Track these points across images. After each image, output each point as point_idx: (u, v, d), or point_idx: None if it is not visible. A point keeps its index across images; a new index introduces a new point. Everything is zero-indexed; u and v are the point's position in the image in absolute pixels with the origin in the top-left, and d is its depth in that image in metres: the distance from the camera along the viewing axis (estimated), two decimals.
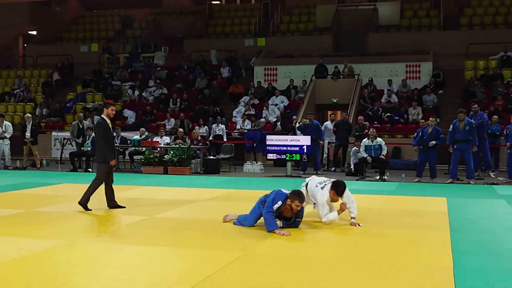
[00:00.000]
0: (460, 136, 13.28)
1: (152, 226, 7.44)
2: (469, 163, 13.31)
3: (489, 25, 23.85)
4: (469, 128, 13.24)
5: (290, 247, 6.29)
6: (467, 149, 13.26)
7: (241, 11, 28.73)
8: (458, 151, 13.32)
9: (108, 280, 4.87)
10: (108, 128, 8.74)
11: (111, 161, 8.72)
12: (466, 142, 13.25)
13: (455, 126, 13.39)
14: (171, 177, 14.43)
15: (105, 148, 8.70)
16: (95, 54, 26.67)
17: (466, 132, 13.23)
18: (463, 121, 13.31)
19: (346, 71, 20.99)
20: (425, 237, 6.83)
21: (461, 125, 13.29)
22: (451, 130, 13.47)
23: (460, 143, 13.27)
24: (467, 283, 4.79)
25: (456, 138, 13.31)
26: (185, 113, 20.44)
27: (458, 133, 13.30)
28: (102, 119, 8.83)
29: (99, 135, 8.83)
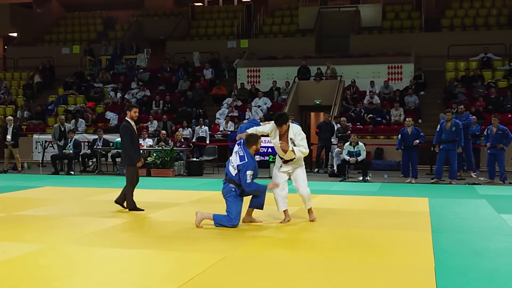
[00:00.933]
0: (447, 137, 13.33)
1: (134, 229, 7.40)
2: (454, 163, 13.40)
3: (469, 27, 24.13)
4: (456, 128, 13.30)
5: (272, 249, 6.29)
6: (453, 149, 13.31)
7: (224, 13, 28.72)
8: (444, 151, 13.38)
9: (90, 284, 4.83)
10: (133, 130, 8.92)
11: (138, 162, 8.94)
12: (452, 143, 13.30)
13: (442, 126, 13.46)
14: (154, 179, 14.37)
15: (132, 150, 8.90)
16: (76, 56, 26.49)
17: (452, 132, 13.29)
18: (450, 121, 13.38)
19: (329, 72, 21.08)
20: (407, 237, 6.87)
21: (448, 125, 13.35)
22: (438, 130, 13.54)
23: (446, 143, 13.33)
24: (448, 283, 4.82)
25: (443, 139, 13.39)
26: (168, 115, 20.37)
27: (445, 133, 13.36)
28: (126, 122, 8.97)
29: (125, 137, 8.96)
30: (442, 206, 9.53)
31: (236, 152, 7.44)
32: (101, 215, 8.50)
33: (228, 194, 7.43)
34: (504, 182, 13.32)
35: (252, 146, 7.43)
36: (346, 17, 25.27)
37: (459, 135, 13.31)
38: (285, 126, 7.54)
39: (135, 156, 8.93)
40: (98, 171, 16.36)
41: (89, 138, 18.56)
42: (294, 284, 4.85)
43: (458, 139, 13.31)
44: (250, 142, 7.44)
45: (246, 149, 7.40)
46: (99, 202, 9.95)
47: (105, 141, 16.90)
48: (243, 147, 7.41)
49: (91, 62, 25.90)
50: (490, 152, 13.56)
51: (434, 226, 7.50)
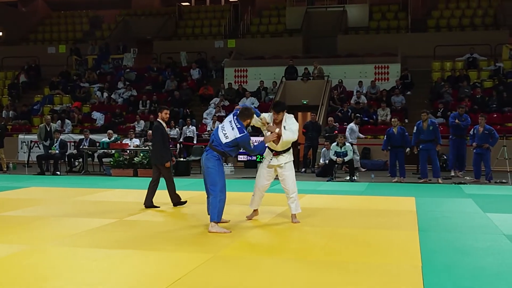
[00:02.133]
0: (425, 136, 13.50)
1: (121, 229, 7.36)
2: (436, 162, 13.54)
3: (455, 27, 24.31)
4: (433, 128, 13.49)
5: (260, 248, 6.28)
6: (433, 148, 13.50)
7: (211, 13, 28.70)
8: (425, 151, 13.54)
9: (76, 285, 4.79)
10: (165, 131, 9.19)
11: (166, 163, 9.11)
12: (431, 142, 13.46)
13: (419, 127, 13.62)
14: (141, 179, 14.28)
15: (164, 150, 9.14)
16: (62, 55, 26.32)
17: (430, 132, 13.47)
18: (426, 121, 13.56)
19: (316, 72, 21.12)
20: (394, 236, 6.89)
21: (424, 125, 13.53)
22: (415, 131, 13.68)
23: (426, 143, 13.48)
24: (435, 282, 4.84)
25: (422, 138, 13.52)
26: (155, 115, 20.27)
27: (423, 134, 13.53)
28: (158, 123, 9.30)
29: (157, 138, 9.25)
30: (429, 205, 9.58)
31: (231, 122, 7.22)
32: (87, 216, 8.44)
33: (211, 164, 7.11)
34: (490, 182, 13.42)
35: (247, 119, 7.32)
36: (333, 17, 25.36)
37: (436, 134, 13.45)
38: (282, 114, 7.53)
39: (165, 156, 9.14)
40: (84, 172, 16.26)
41: (75, 138, 18.45)
42: (282, 284, 4.84)
43: (436, 138, 13.44)
44: (245, 115, 7.32)
45: (240, 121, 7.25)
46: (86, 203, 9.88)
47: (91, 141, 16.81)
48: (238, 120, 7.25)
49: (77, 61, 25.75)
50: (476, 151, 13.66)
51: (421, 225, 7.53)
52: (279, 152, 7.61)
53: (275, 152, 7.62)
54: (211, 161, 7.14)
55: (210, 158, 7.16)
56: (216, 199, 7.02)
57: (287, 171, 7.63)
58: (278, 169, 7.67)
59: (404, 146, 13.93)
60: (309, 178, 14.63)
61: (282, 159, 7.62)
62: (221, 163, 7.22)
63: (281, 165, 7.62)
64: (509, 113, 18.40)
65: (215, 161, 7.13)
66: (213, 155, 7.16)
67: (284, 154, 7.62)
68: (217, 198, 7.02)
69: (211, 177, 7.09)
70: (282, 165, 7.62)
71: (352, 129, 16.58)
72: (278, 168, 7.66)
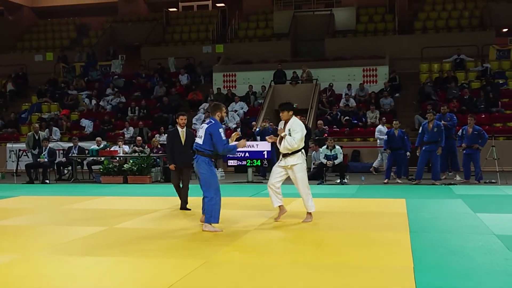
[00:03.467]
0: (429, 138, 13.33)
1: (112, 237, 7.31)
2: (436, 164, 13.44)
3: (442, 29, 24.45)
4: (438, 129, 13.34)
5: (252, 252, 6.27)
6: (435, 150, 13.31)
7: (199, 18, 28.70)
8: (426, 152, 13.39)
9: None
10: (176, 136, 9.55)
11: (170, 166, 9.60)
12: (434, 144, 13.31)
13: (425, 127, 13.48)
14: (131, 186, 14.25)
15: (168, 154, 9.77)
16: (50, 63, 26.24)
17: (434, 133, 13.29)
18: (432, 121, 13.41)
19: (305, 76, 21.17)
20: (386, 238, 6.90)
21: (429, 126, 13.37)
22: (421, 132, 13.56)
23: (429, 144, 13.34)
24: (427, 282, 4.85)
25: (425, 140, 13.44)
26: (144, 121, 20.24)
27: (427, 134, 13.36)
28: (173, 128, 10.01)
29: (166, 142, 10.10)
30: (419, 206, 9.61)
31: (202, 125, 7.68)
32: (77, 224, 8.39)
33: (202, 169, 7.40)
34: (480, 182, 13.47)
35: (217, 112, 7.55)
36: (320, 21, 25.44)
37: (440, 136, 13.33)
38: (286, 114, 7.90)
39: (169, 160, 9.73)
40: (73, 179, 16.18)
41: (64, 146, 18.34)
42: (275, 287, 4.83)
43: (440, 140, 13.32)
44: (214, 110, 7.59)
45: (212, 117, 7.57)
46: (76, 211, 9.82)
47: (80, 148, 16.73)
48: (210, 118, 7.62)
49: (65, 69, 25.66)
50: (465, 152, 13.70)
51: (412, 226, 7.55)
52: (286, 154, 7.83)
53: (282, 154, 7.87)
54: (201, 166, 7.42)
55: (200, 163, 7.43)
56: (211, 202, 7.31)
57: (295, 173, 7.85)
58: (289, 171, 7.90)
59: (404, 149, 13.95)
60: None
61: (290, 161, 7.84)
62: (211, 165, 7.43)
63: (289, 167, 7.85)
64: (497, 113, 18.52)
65: (205, 165, 7.39)
66: (202, 159, 7.42)
67: (291, 156, 7.83)
68: (212, 201, 7.31)
69: (204, 181, 7.40)
70: (290, 167, 7.84)
71: (381, 131, 16.42)
72: (289, 170, 7.89)
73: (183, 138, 9.51)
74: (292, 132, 7.77)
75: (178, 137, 9.51)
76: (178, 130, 9.57)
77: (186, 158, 9.44)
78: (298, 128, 7.82)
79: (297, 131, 7.77)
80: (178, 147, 9.49)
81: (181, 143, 9.49)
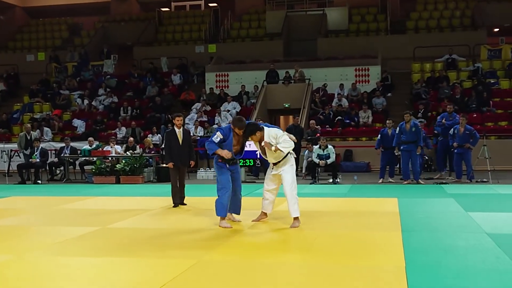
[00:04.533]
0: (407, 138, 13.51)
1: (104, 237, 7.30)
2: (416, 164, 13.55)
3: (434, 28, 24.54)
4: (415, 129, 13.51)
5: (243, 253, 6.27)
6: (415, 150, 13.51)
7: (191, 18, 28.65)
8: (406, 152, 13.56)
9: None
10: (173, 136, 10.00)
11: (168, 164, 9.98)
12: (413, 143, 13.49)
13: (402, 128, 13.64)
14: (123, 186, 14.23)
15: (166, 153, 10.18)
16: (42, 63, 26.12)
17: (412, 133, 13.48)
18: (409, 122, 13.57)
19: (297, 76, 21.18)
20: (378, 237, 6.92)
21: (407, 127, 13.54)
22: (398, 132, 13.71)
23: (407, 144, 13.51)
24: (419, 281, 4.87)
25: (403, 140, 13.56)
26: (137, 121, 20.20)
27: (405, 135, 13.54)
28: (170, 129, 10.54)
29: (164, 142, 10.63)
30: (411, 205, 9.65)
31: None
32: (70, 224, 8.38)
33: (215, 170, 7.83)
34: (471, 181, 13.54)
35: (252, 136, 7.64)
36: (313, 21, 25.47)
37: (418, 136, 13.48)
38: (257, 136, 7.59)
39: (166, 159, 10.20)
40: (66, 180, 16.13)
41: (56, 146, 18.28)
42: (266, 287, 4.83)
43: (417, 140, 13.46)
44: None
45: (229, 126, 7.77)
46: (68, 211, 9.80)
47: (72, 149, 16.68)
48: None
49: (56, 69, 25.55)
50: (457, 151, 13.76)
51: (404, 226, 7.58)
52: (276, 163, 7.71)
53: (274, 163, 7.73)
54: (215, 167, 7.90)
55: (214, 165, 7.88)
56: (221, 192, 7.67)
57: (284, 173, 7.64)
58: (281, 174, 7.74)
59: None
60: None
61: (281, 167, 7.69)
62: (220, 165, 7.71)
63: (280, 172, 7.70)
64: (488, 112, 18.61)
65: (215, 165, 7.81)
66: (214, 160, 7.84)
67: (281, 162, 7.67)
68: (218, 198, 7.68)
69: (217, 179, 7.78)
70: (281, 174, 7.67)
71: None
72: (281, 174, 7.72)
73: (181, 137, 10.01)
74: (277, 139, 7.48)
75: (176, 137, 9.99)
76: (175, 130, 10.03)
77: (183, 157, 10.03)
78: (276, 132, 7.59)
79: (279, 135, 7.52)
80: (176, 146, 9.95)
81: (179, 143, 9.99)
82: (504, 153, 16.19)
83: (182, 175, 10.15)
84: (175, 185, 10.02)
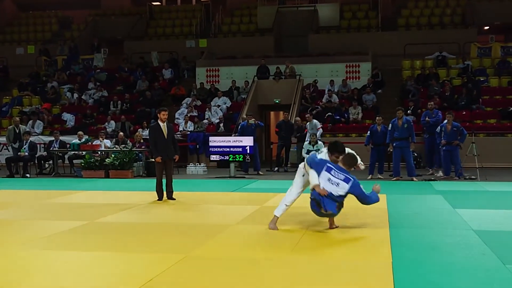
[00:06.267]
0: (399, 134, 13.56)
1: (92, 231, 7.28)
2: (409, 160, 13.61)
3: (425, 26, 24.63)
4: (408, 125, 13.57)
5: (231, 248, 6.27)
6: (407, 146, 13.56)
7: (182, 12, 28.57)
8: (398, 149, 13.61)
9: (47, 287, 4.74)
10: (157, 130, 10.00)
11: (156, 158, 9.96)
12: (405, 140, 13.54)
13: (394, 124, 13.69)
14: (112, 181, 14.19)
15: (152, 147, 10.15)
16: (31, 56, 25.96)
17: (404, 130, 13.54)
18: (401, 119, 13.62)
19: (288, 71, 21.19)
20: (365, 233, 6.95)
21: (399, 123, 13.59)
22: (390, 129, 13.76)
23: (400, 140, 13.56)
24: (405, 277, 4.90)
25: (395, 136, 13.61)
26: (127, 116, 20.14)
27: (397, 131, 13.59)
28: (154, 123, 10.54)
29: (149, 137, 10.62)
30: (400, 202, 9.69)
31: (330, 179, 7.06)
32: (58, 218, 8.34)
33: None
34: (460, 178, 13.61)
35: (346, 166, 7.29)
36: (304, 17, 25.47)
37: (410, 132, 13.54)
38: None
39: (154, 153, 10.18)
40: (54, 174, 16.06)
41: (45, 140, 18.19)
42: (254, 283, 4.85)
43: (411, 136, 13.53)
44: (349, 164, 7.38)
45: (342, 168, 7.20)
46: (56, 205, 9.76)
47: (61, 142, 16.61)
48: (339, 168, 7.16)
49: (46, 62, 25.40)
50: (445, 149, 13.82)
51: (392, 222, 7.62)
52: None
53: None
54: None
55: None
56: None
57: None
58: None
59: (386, 145, 14.07)
60: (281, 177, 14.67)
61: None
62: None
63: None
64: (478, 110, 18.70)
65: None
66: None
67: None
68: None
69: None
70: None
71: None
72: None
73: (165, 131, 10.01)
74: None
75: (161, 130, 9.98)
76: (160, 124, 10.01)
77: (169, 151, 10.03)
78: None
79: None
80: (161, 140, 9.97)
81: (164, 137, 9.98)
82: (492, 150, 16.31)
83: (169, 169, 10.15)
84: (160, 180, 10.05)
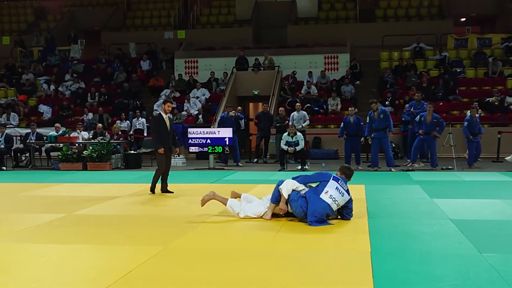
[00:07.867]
0: (377, 125, 13.68)
1: (70, 224, 7.22)
2: (388, 151, 13.73)
3: (402, 17, 24.78)
4: (384, 115, 13.68)
5: (210, 240, 6.27)
6: (385, 137, 13.67)
7: (160, 3, 28.36)
8: (376, 139, 13.73)
9: (24, 280, 4.68)
10: (160, 122, 9.99)
11: (158, 150, 9.85)
12: (383, 131, 13.65)
13: (371, 116, 13.79)
14: (90, 173, 14.08)
15: (155, 139, 10.09)
16: (6, 47, 25.59)
17: (381, 120, 13.65)
18: (377, 110, 13.73)
19: (267, 63, 21.19)
20: (344, 223, 6.99)
21: (375, 115, 13.71)
22: (368, 121, 13.86)
23: (377, 131, 13.67)
24: (383, 266, 4.94)
25: (373, 127, 13.72)
26: (104, 107, 19.97)
27: (374, 122, 13.71)
28: (158, 114, 10.49)
29: (151, 127, 10.81)
30: (378, 192, 9.77)
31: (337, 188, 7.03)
32: (35, 211, 8.25)
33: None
34: (436, 168, 13.76)
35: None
36: (282, 8, 25.47)
37: (387, 122, 13.65)
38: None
39: (155, 145, 10.03)
40: (31, 166, 15.88)
41: (21, 132, 17.97)
42: (234, 273, 4.85)
43: (388, 126, 13.64)
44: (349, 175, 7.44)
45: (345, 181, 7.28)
46: (33, 198, 9.66)
47: (38, 135, 16.43)
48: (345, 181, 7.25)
49: (22, 53, 25.06)
50: (422, 138, 13.94)
51: (370, 212, 7.68)
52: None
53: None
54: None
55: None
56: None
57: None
58: None
59: (360, 135, 14.16)
60: (260, 168, 14.69)
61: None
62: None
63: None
64: (454, 101, 18.90)
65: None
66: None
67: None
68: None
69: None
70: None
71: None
72: None
73: (168, 123, 10.06)
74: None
75: (164, 122, 10.00)
76: (163, 116, 10.02)
77: (171, 142, 10.16)
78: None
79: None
80: (164, 132, 9.99)
81: (167, 128, 10.02)
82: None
83: (169, 160, 10.20)
84: (161, 172, 9.96)
